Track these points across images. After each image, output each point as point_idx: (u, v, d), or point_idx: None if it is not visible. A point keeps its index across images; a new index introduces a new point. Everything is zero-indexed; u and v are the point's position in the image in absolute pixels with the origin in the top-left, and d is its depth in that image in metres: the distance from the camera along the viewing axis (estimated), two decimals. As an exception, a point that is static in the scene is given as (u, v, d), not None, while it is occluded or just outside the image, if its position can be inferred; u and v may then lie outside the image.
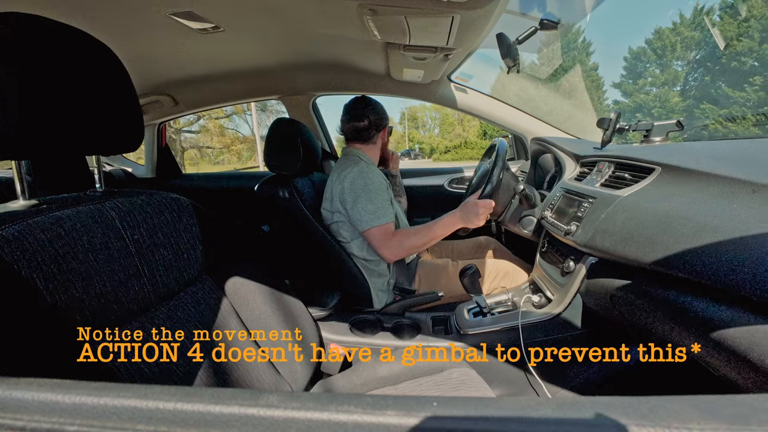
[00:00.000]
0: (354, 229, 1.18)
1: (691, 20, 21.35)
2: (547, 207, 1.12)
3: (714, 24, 17.03)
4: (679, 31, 21.76)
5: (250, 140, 19.24)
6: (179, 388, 0.21)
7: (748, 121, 2.31)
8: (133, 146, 0.59)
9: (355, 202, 1.12)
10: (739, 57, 18.05)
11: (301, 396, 0.20)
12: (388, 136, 1.39)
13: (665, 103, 22.25)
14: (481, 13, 0.83)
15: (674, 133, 1.06)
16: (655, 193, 0.72)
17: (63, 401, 0.20)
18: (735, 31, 18.07)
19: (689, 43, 21.38)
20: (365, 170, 1.16)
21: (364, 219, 1.11)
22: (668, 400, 0.20)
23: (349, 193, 1.13)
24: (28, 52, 0.45)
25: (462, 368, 0.82)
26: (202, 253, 0.68)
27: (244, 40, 1.20)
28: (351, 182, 1.14)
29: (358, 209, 1.12)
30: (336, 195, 1.17)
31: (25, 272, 0.42)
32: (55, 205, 0.50)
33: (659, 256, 0.59)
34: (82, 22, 0.94)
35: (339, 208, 1.17)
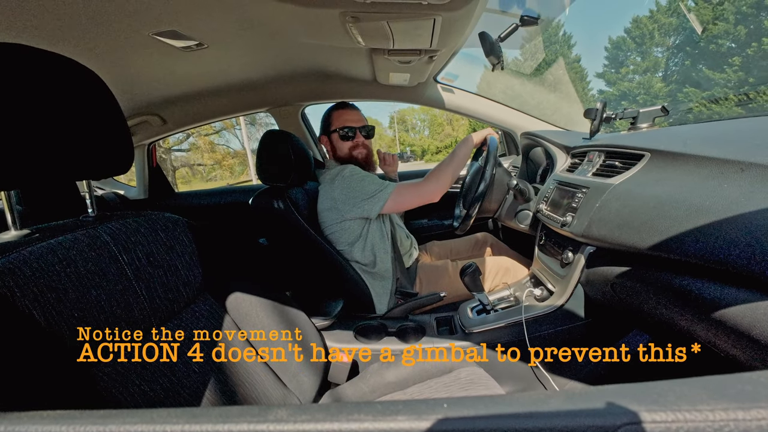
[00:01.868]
0: (352, 234, 1.18)
1: (667, 7, 21.88)
2: (541, 200, 1.13)
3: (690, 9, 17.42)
4: (656, 18, 22.25)
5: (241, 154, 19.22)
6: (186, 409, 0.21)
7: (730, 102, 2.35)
8: (124, 169, 0.59)
9: (361, 190, 1.14)
10: (717, 40, 18.51)
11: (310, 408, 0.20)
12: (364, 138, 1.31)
13: (649, 89, 22.68)
14: (461, 14, 0.84)
15: (660, 118, 1.08)
16: (646, 179, 0.73)
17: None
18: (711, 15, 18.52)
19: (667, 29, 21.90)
20: (353, 169, 1.19)
21: (375, 196, 1.13)
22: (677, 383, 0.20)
23: (348, 189, 1.15)
24: (11, 82, 0.45)
25: (470, 367, 0.81)
26: (201, 270, 0.67)
27: (229, 55, 1.20)
28: (348, 180, 1.15)
29: (367, 193, 1.13)
30: (338, 198, 1.16)
31: (21, 303, 0.41)
32: (48, 233, 0.49)
33: (655, 241, 0.60)
34: (65, 48, 0.93)
35: (344, 210, 1.16)
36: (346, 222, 1.17)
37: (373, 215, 1.14)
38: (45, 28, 0.83)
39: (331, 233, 1.20)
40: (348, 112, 1.30)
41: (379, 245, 1.23)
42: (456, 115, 1.81)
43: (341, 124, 1.27)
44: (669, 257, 0.58)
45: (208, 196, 2.29)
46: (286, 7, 0.83)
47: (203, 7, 0.83)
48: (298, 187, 1.27)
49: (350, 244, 1.19)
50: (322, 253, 1.16)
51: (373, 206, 1.13)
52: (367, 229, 1.20)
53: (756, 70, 17.14)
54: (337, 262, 1.16)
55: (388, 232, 1.30)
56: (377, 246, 1.22)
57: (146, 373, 0.52)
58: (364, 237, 1.20)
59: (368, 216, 1.14)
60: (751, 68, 17.25)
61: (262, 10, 0.86)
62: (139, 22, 0.86)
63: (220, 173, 19.13)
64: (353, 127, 1.27)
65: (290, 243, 1.19)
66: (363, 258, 1.20)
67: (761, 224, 0.46)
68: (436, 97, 1.68)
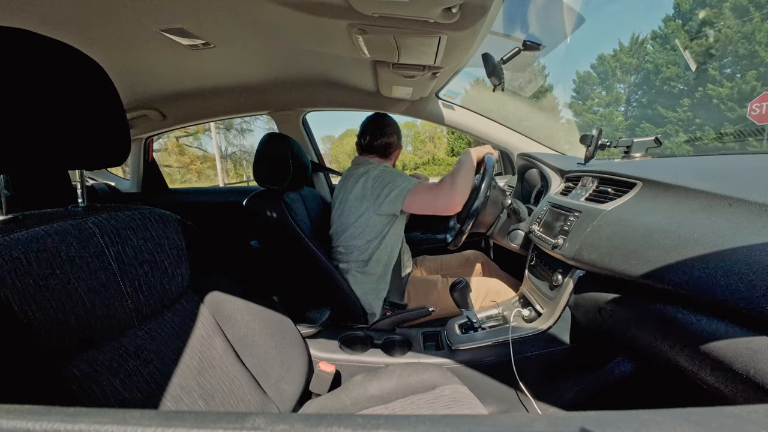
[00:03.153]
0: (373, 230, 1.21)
1: (629, 48, 23.74)
2: (534, 221, 1.14)
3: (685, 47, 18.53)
4: (618, 57, 24.28)
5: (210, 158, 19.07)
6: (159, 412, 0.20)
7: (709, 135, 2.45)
8: (119, 160, 0.58)
9: (387, 183, 1.17)
10: (670, 81, 20.73)
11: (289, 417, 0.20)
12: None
13: (610, 121, 24.44)
14: (466, 34, 0.86)
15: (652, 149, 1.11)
16: (637, 207, 0.74)
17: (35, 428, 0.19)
18: (665, 59, 20.78)
19: (628, 68, 23.92)
20: (388, 167, 1.24)
21: (400, 192, 1.15)
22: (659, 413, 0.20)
23: (380, 180, 1.18)
24: (9, 65, 0.45)
25: (454, 385, 0.80)
26: (188, 269, 0.66)
27: (235, 56, 1.21)
28: (380, 173, 1.20)
29: (391, 188, 1.16)
30: (368, 189, 1.19)
31: (0, 290, 0.40)
32: (34, 221, 0.48)
33: (644, 269, 0.61)
34: (70, 36, 0.93)
35: (370, 201, 1.19)
36: (375, 217, 1.19)
37: (397, 210, 1.17)
38: (51, 16, 0.83)
39: (353, 224, 1.21)
40: None
41: (394, 247, 1.26)
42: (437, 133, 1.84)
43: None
44: (657, 286, 0.59)
45: (202, 195, 2.27)
46: (296, 14, 0.85)
47: (213, 7, 0.84)
48: (294, 191, 1.27)
49: (369, 240, 1.21)
50: (313, 259, 1.15)
51: (398, 199, 1.15)
52: (389, 229, 1.23)
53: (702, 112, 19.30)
54: (327, 269, 1.16)
55: (402, 237, 1.32)
56: (392, 247, 1.24)
57: (122, 371, 0.50)
58: (384, 235, 1.22)
59: (394, 212, 1.18)
60: (698, 110, 19.46)
61: (272, 15, 0.87)
62: (147, 17, 0.87)
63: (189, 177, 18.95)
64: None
65: (282, 247, 1.18)
66: (377, 256, 1.22)
67: (746, 259, 0.47)
68: (437, 112, 1.71)
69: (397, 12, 0.76)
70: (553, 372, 0.97)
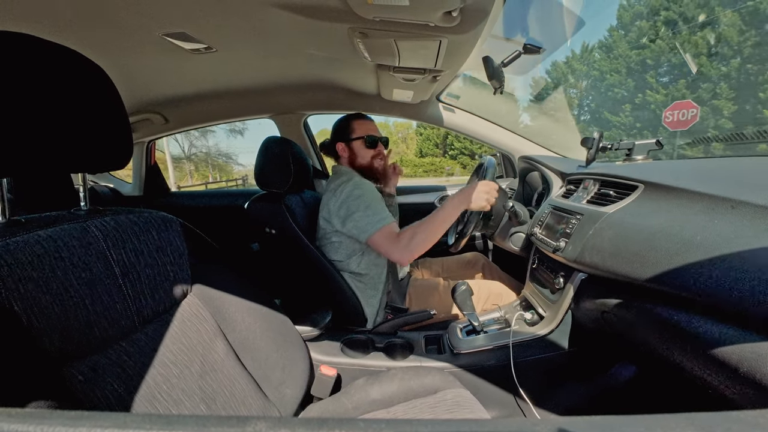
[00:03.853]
0: (350, 247, 1.17)
1: (580, 55, 24.79)
2: (536, 224, 1.13)
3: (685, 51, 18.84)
4: (570, 64, 25.41)
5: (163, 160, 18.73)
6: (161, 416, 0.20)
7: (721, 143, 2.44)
8: (121, 164, 0.58)
9: (354, 212, 1.10)
10: (613, 88, 21.98)
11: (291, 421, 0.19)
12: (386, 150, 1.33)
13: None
14: (467, 38, 0.86)
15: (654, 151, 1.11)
16: (640, 210, 0.74)
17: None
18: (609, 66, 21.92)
19: (579, 74, 25.21)
20: (359, 183, 1.15)
21: (364, 227, 1.08)
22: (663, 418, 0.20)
23: (346, 205, 1.12)
24: (13, 69, 0.45)
25: (456, 389, 0.80)
26: (190, 273, 0.66)
27: (237, 60, 1.21)
28: (347, 195, 1.12)
29: (356, 218, 1.09)
30: (333, 211, 1.14)
31: (1, 294, 0.40)
32: (36, 224, 0.48)
33: (647, 272, 0.60)
34: (74, 41, 0.94)
35: (337, 225, 1.14)
36: (344, 235, 1.16)
37: (362, 241, 1.12)
38: (54, 20, 0.83)
39: (328, 242, 1.19)
40: (370, 123, 1.30)
41: (376, 260, 1.22)
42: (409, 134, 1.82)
43: (366, 132, 1.26)
44: (660, 289, 0.59)
45: (204, 198, 2.28)
46: (297, 18, 0.85)
47: (214, 11, 0.84)
48: (295, 194, 1.27)
49: (347, 256, 1.18)
50: (314, 262, 1.15)
51: (360, 235, 1.10)
52: (366, 245, 1.20)
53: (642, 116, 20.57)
54: (329, 272, 1.15)
55: None
56: (373, 260, 1.21)
57: (124, 375, 0.50)
58: (362, 252, 1.19)
59: (359, 240, 1.13)
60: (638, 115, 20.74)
61: (274, 19, 0.88)
62: (149, 22, 0.87)
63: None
64: (377, 136, 1.28)
65: (283, 250, 1.18)
66: (358, 269, 1.19)
67: (750, 262, 0.46)
68: (438, 115, 1.71)
69: (398, 16, 0.76)
70: (555, 376, 0.96)
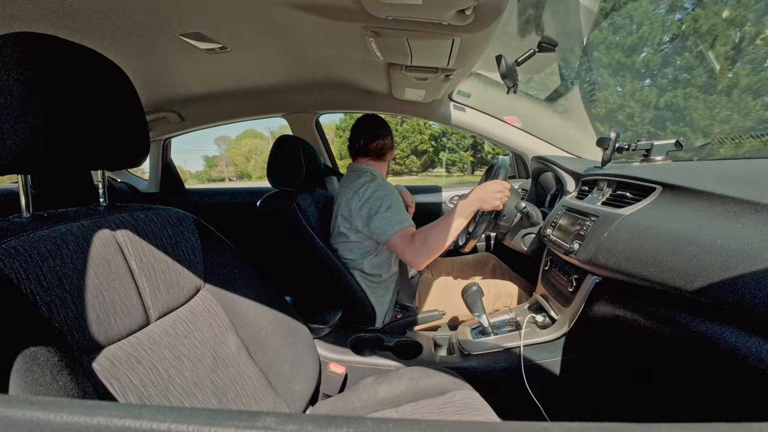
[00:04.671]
0: (366, 247, 1.18)
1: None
2: (549, 225, 1.12)
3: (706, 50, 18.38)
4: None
5: None
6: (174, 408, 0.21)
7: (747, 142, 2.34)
8: (139, 161, 0.60)
9: (377, 213, 1.11)
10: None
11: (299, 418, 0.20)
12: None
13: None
14: (480, 36, 0.85)
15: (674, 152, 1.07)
16: (657, 212, 0.72)
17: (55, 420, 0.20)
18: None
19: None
20: (382, 184, 1.16)
21: (385, 228, 1.09)
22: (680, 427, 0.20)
23: (368, 205, 1.12)
24: (43, 70, 0.47)
25: (465, 390, 0.79)
26: (203, 268, 0.68)
27: (250, 60, 1.23)
28: (371, 195, 1.13)
29: (379, 219, 1.10)
30: (355, 211, 1.14)
31: (25, 285, 0.42)
32: (57, 219, 0.50)
33: (664, 276, 0.59)
34: (95, 41, 0.97)
35: (358, 224, 1.14)
36: (363, 235, 1.17)
37: (381, 242, 1.13)
38: (76, 21, 0.86)
39: (345, 241, 1.19)
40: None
41: (388, 260, 1.22)
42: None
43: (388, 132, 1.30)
44: (679, 294, 0.57)
45: (217, 195, 2.31)
46: (309, 18, 0.86)
47: (229, 11, 0.85)
48: (307, 193, 1.28)
49: (362, 255, 1.19)
50: (326, 261, 1.15)
51: (380, 236, 1.10)
52: (382, 245, 1.20)
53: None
54: (339, 271, 1.16)
55: None
56: (387, 260, 1.22)
57: (139, 367, 0.51)
58: (376, 252, 1.19)
59: (378, 241, 1.14)
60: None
61: (286, 19, 0.89)
62: (166, 22, 0.89)
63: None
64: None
65: (294, 248, 1.19)
66: (370, 269, 1.19)
67: None
68: (450, 114, 1.70)
69: (411, 15, 0.76)
70: (567, 380, 0.95)
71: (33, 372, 0.38)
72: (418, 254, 1.05)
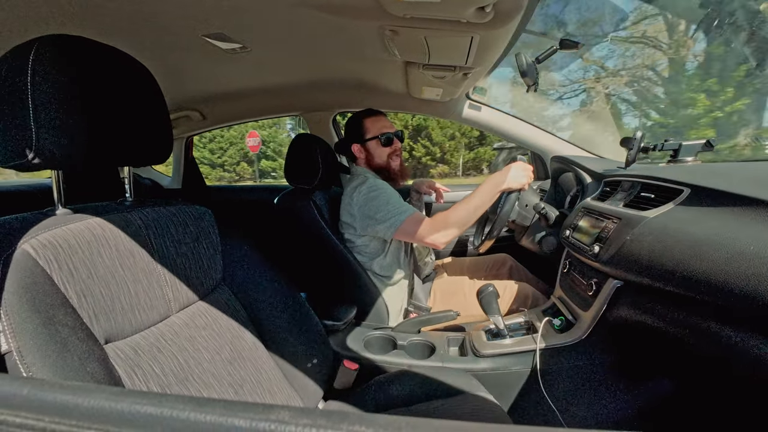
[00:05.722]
0: (374, 249, 1.18)
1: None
2: (568, 227, 1.09)
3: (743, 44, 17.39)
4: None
5: None
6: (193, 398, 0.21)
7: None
8: (163, 158, 0.62)
9: (376, 213, 1.10)
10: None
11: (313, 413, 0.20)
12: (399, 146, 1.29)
13: None
14: (499, 33, 0.84)
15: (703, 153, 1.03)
16: (685, 216, 0.69)
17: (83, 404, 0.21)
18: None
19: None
20: (373, 184, 1.15)
21: (389, 223, 1.07)
22: None
23: (365, 208, 1.12)
24: (80, 71, 0.49)
25: (478, 393, 0.79)
26: (222, 263, 0.69)
27: (269, 59, 1.25)
28: (365, 197, 1.13)
29: (379, 218, 1.09)
30: (356, 215, 1.15)
31: (57, 275, 0.44)
32: (87, 213, 0.52)
33: (691, 283, 0.56)
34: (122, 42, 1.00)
35: (360, 229, 1.15)
36: (367, 237, 1.17)
37: (388, 238, 1.12)
38: (106, 24, 0.89)
39: (352, 245, 1.20)
40: (382, 119, 1.27)
41: (398, 259, 1.22)
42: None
43: (380, 130, 1.23)
44: (704, 301, 0.55)
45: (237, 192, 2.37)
46: (328, 17, 0.87)
47: (249, 12, 0.87)
48: (323, 191, 1.29)
49: (370, 258, 1.19)
50: (340, 258, 1.16)
51: (386, 231, 1.09)
52: (389, 245, 1.20)
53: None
54: (353, 268, 1.17)
55: (408, 245, 1.30)
56: (396, 260, 1.22)
57: (161, 357, 0.53)
58: (385, 253, 1.20)
59: (384, 238, 1.13)
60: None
61: (305, 19, 0.90)
62: (190, 23, 0.92)
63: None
64: (391, 133, 1.24)
65: (309, 245, 1.20)
66: (381, 270, 1.20)
67: None
68: (467, 113, 1.68)
69: (430, 13, 0.75)
70: (584, 386, 0.92)
71: (64, 357, 0.40)
72: (440, 233, 1.02)
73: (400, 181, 1.38)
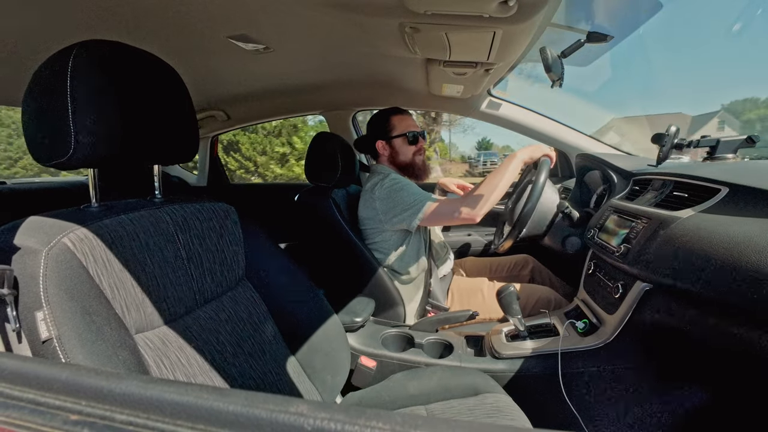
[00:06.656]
0: (393, 244, 1.19)
1: None
2: (594, 227, 1.05)
3: None
4: None
5: None
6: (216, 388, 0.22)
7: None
8: (189, 157, 0.64)
9: (398, 204, 1.12)
10: None
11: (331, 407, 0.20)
12: (424, 144, 1.31)
13: None
14: (523, 28, 0.81)
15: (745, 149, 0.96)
16: (721, 216, 0.65)
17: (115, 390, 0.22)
18: None
19: None
20: (395, 178, 1.17)
21: (412, 210, 1.09)
22: None
23: (387, 200, 1.14)
24: (116, 74, 0.51)
25: (497, 394, 0.77)
26: (245, 259, 0.71)
27: (292, 59, 1.27)
28: (388, 190, 1.14)
29: (402, 208, 1.11)
30: (379, 209, 1.16)
31: (92, 268, 0.46)
32: (120, 209, 0.55)
33: (727, 288, 0.53)
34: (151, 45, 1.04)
35: (383, 221, 1.16)
36: (387, 233, 1.17)
37: (412, 227, 1.12)
38: (135, 29, 0.93)
39: (371, 242, 1.21)
40: (409, 117, 1.28)
41: (417, 256, 1.22)
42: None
43: (406, 128, 1.25)
44: (741, 306, 0.51)
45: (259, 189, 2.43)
46: (349, 16, 0.87)
47: (272, 13, 0.89)
48: (342, 189, 1.30)
49: (388, 253, 1.19)
50: (359, 256, 1.17)
51: (411, 218, 1.10)
52: (408, 240, 1.20)
53: None
54: (372, 266, 1.17)
55: (427, 243, 1.29)
56: (415, 257, 1.21)
57: (187, 348, 0.56)
58: (404, 248, 1.20)
59: (408, 228, 1.14)
60: None
61: (326, 18, 0.91)
62: (215, 26, 0.95)
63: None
64: (417, 131, 1.26)
65: (328, 242, 1.22)
66: (399, 267, 1.20)
67: None
68: (489, 110, 1.65)
69: (451, 8, 0.74)
70: (608, 392, 0.89)
71: (98, 345, 0.43)
72: (471, 208, 1.04)
73: (423, 178, 1.39)
